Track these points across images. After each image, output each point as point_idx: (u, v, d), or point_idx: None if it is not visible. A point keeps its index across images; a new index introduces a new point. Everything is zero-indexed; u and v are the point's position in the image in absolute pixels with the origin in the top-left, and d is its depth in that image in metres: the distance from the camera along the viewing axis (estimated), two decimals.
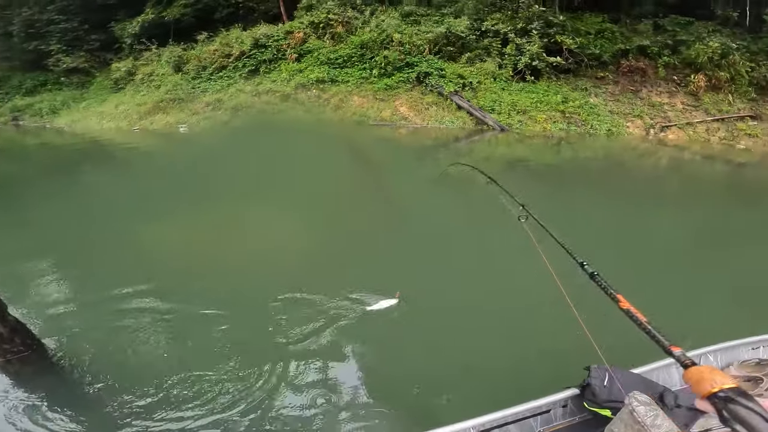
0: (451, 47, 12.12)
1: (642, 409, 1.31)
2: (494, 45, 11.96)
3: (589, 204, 5.97)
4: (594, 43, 11.87)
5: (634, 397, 1.36)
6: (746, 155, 9.96)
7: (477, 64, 11.85)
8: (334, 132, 10.42)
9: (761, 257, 4.29)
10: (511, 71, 11.76)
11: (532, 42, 11.46)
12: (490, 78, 11.59)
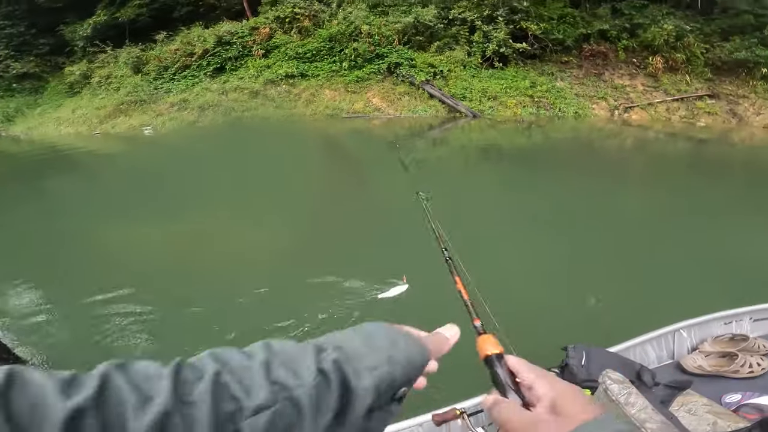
0: (420, 37, 12.16)
1: (615, 388, 1.29)
2: (462, 33, 12.08)
3: (561, 184, 6.13)
4: (557, 29, 12.14)
5: (608, 376, 1.35)
6: (706, 132, 10.46)
7: (446, 52, 11.94)
8: (307, 127, 10.29)
9: (726, 230, 4.53)
10: (480, 58, 11.93)
11: (498, 29, 11.63)
12: (459, 66, 11.71)
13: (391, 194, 5.32)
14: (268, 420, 0.34)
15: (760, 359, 1.71)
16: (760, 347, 1.79)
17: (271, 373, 0.36)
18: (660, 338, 1.88)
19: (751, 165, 8.10)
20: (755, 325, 2.05)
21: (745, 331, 1.97)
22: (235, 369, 0.35)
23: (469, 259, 3.97)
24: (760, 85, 12.02)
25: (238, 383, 0.34)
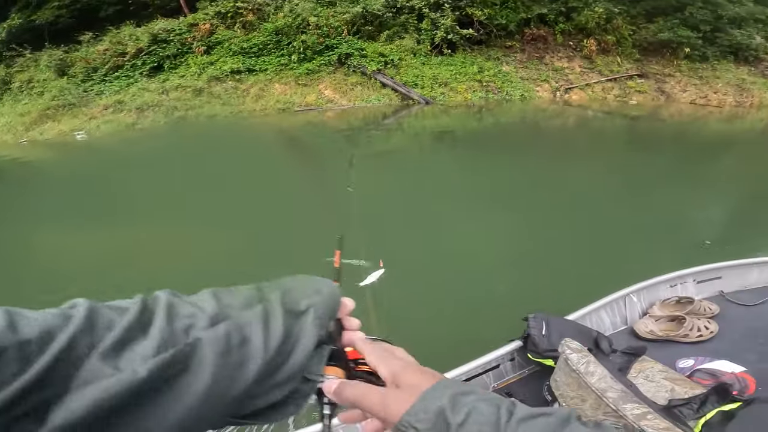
0: (370, 26, 12.03)
1: (575, 357, 1.30)
2: (411, 21, 12.11)
3: (512, 165, 6.39)
4: (500, 14, 12.44)
5: (566, 345, 1.36)
6: (638, 109, 11.23)
7: (396, 41, 11.93)
8: (256, 122, 9.93)
9: (662, 196, 4.98)
10: (429, 46, 12.03)
11: (445, 16, 11.78)
12: (410, 54, 11.77)
13: (329, 186, 5.32)
14: (225, 332, 0.36)
15: (707, 322, 1.80)
16: (706, 310, 1.90)
17: (221, 300, 0.40)
18: (612, 304, 1.92)
19: (680, 138, 8.85)
20: (699, 287, 2.14)
21: (690, 294, 2.07)
22: (186, 297, 0.40)
23: (421, 239, 4.04)
24: (684, 64, 13.04)
25: (191, 305, 0.38)
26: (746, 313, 1.96)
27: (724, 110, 11.57)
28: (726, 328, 1.82)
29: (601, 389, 1.18)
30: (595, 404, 1.19)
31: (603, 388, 1.18)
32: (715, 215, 4.64)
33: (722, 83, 12.70)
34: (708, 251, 3.53)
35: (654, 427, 1.03)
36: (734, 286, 2.15)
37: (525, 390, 1.54)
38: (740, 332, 1.82)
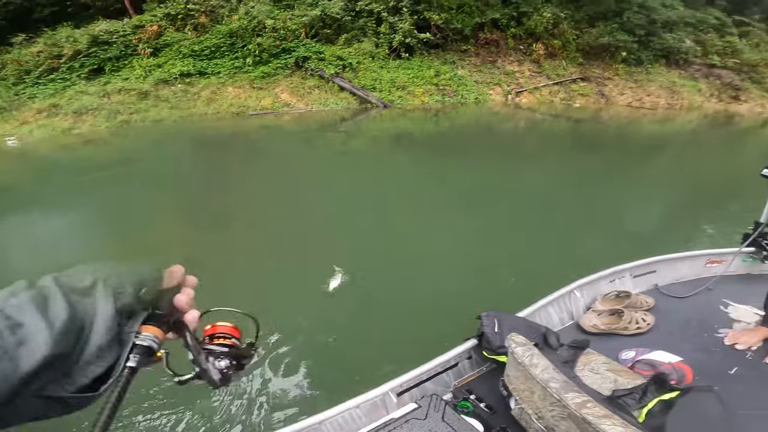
0: (328, 30, 11.95)
1: (520, 350, 1.34)
2: (369, 25, 12.14)
3: (467, 167, 6.58)
4: (456, 18, 12.70)
5: (512, 340, 1.40)
6: (581, 112, 11.92)
7: (354, 44, 11.93)
8: (209, 126, 9.56)
9: (602, 195, 5.35)
10: (387, 49, 12.13)
11: (403, 20, 11.90)
12: (368, 57, 11.81)
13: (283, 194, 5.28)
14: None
15: (644, 315, 1.90)
16: (642, 303, 2.00)
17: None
18: (559, 300, 1.99)
19: (619, 140, 9.46)
20: (635, 281, 2.23)
21: (627, 288, 2.16)
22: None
23: (378, 241, 4.06)
24: (621, 68, 13.78)
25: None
26: (679, 305, 2.07)
27: (657, 112, 12.47)
28: (661, 319, 1.93)
29: (545, 380, 1.22)
30: (542, 395, 1.23)
31: (546, 379, 1.22)
32: (649, 211, 5.04)
33: (655, 86, 13.54)
34: (643, 246, 3.83)
35: (594, 414, 1.08)
36: (667, 280, 2.28)
37: (484, 387, 1.58)
38: (675, 323, 1.93)
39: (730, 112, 13.39)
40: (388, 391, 1.44)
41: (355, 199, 5.07)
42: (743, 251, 2.30)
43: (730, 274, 2.30)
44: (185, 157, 7.37)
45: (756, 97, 14.42)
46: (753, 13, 18.47)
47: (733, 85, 14.41)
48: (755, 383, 1.59)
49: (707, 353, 1.75)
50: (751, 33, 16.53)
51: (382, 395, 1.43)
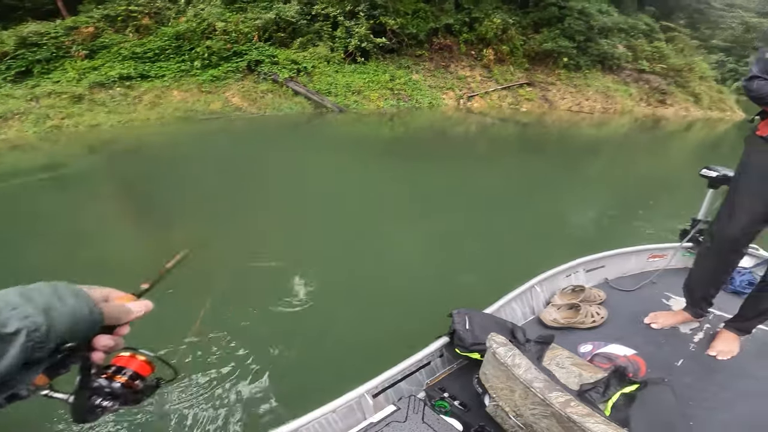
0: (282, 33, 11.72)
1: (502, 351, 1.36)
2: (325, 29, 12.05)
3: (423, 170, 6.69)
4: (412, 23, 12.87)
5: (493, 339, 1.42)
6: (527, 116, 12.43)
7: (310, 48, 11.81)
8: (152, 131, 9.02)
9: (552, 194, 5.68)
10: (343, 54, 12.08)
11: (359, 24, 11.91)
12: (323, 62, 11.73)
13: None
14: None
15: (598, 309, 1.99)
16: (595, 296, 2.10)
17: None
18: (521, 295, 2.03)
19: (561, 143, 9.99)
20: (588, 276, 2.33)
21: (581, 282, 2.25)
22: None
23: (341, 245, 4.03)
24: (563, 73, 14.30)
25: None
26: (627, 298, 2.18)
27: (594, 116, 13.25)
28: (613, 313, 2.01)
29: (528, 380, 1.25)
30: (524, 394, 1.26)
31: (529, 379, 1.25)
32: (589, 210, 5.43)
33: (592, 91, 14.23)
34: (593, 241, 4.13)
35: (578, 413, 1.11)
36: (616, 273, 2.39)
37: (456, 384, 1.59)
38: (625, 316, 2.02)
39: (657, 115, 14.42)
40: (363, 393, 1.43)
41: (315, 203, 5.02)
42: (683, 246, 2.47)
43: (671, 268, 2.45)
44: (116, 163, 6.91)
45: (681, 100, 15.51)
46: (678, 18, 20.04)
47: (660, 89, 15.28)
48: (700, 375, 1.69)
49: (656, 346, 1.85)
50: (677, 38, 17.61)
51: (357, 398, 1.41)
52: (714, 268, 1.91)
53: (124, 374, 0.56)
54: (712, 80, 17.80)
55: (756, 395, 1.59)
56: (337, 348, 2.51)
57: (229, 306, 2.79)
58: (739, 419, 1.49)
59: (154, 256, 3.29)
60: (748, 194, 1.71)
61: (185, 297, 2.53)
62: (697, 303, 1.98)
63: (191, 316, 2.57)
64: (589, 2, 14.75)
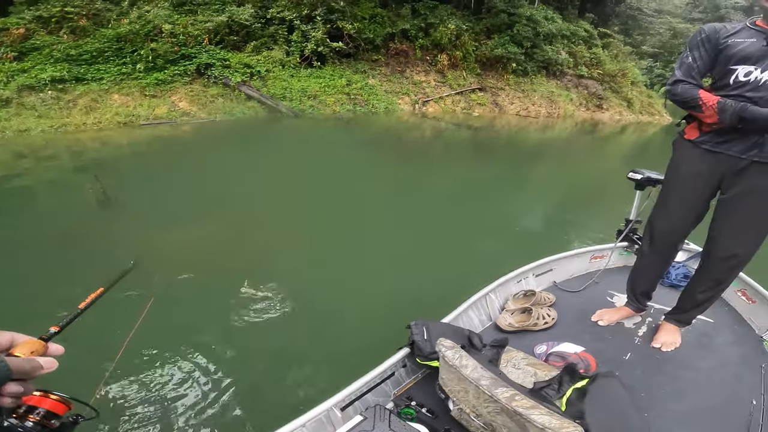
0: (235, 36, 11.36)
1: (450, 354, 1.40)
2: (280, 33, 11.80)
3: (380, 174, 6.78)
4: (369, 28, 12.87)
5: (442, 344, 1.46)
6: (479, 121, 12.79)
7: (264, 52, 11.52)
8: (87, 137, 8.43)
9: (501, 198, 5.93)
10: (299, 58, 11.90)
11: (316, 28, 11.75)
12: (278, 66, 11.50)
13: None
14: None
15: (548, 311, 2.07)
16: (545, 299, 2.19)
17: None
18: (477, 303, 2.08)
19: (510, 147, 10.41)
20: (538, 280, 2.41)
21: (531, 287, 2.33)
22: None
23: (288, 260, 3.89)
24: (511, 78, 14.76)
25: None
26: (575, 299, 2.28)
27: (540, 121, 13.87)
28: (562, 313, 2.11)
29: (475, 379, 1.30)
30: (476, 393, 1.30)
31: (477, 378, 1.30)
32: (539, 214, 5.70)
33: (538, 96, 14.83)
34: (541, 243, 4.36)
35: (522, 406, 1.18)
36: (563, 276, 2.49)
37: (422, 393, 1.62)
38: (574, 316, 2.12)
39: (595, 119, 15.30)
40: (331, 406, 1.44)
41: (265, 212, 4.87)
42: (618, 246, 2.61)
43: (611, 267, 2.59)
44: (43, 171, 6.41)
45: (615, 105, 16.54)
46: (614, 24, 21.34)
47: (597, 94, 16.12)
48: (648, 367, 1.79)
49: (604, 342, 1.95)
50: (612, 44, 18.53)
51: (326, 411, 1.42)
52: (654, 264, 2.02)
53: (37, 414, 0.56)
54: (642, 85, 19.24)
55: (700, 384, 1.70)
56: (295, 364, 2.48)
57: (170, 324, 2.69)
58: (688, 408, 1.58)
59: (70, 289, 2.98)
60: (677, 194, 1.83)
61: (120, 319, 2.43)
62: (638, 298, 2.10)
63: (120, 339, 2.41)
64: (536, 9, 15.31)
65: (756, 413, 1.57)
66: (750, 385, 1.72)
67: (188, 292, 3.15)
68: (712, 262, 1.84)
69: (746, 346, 1.99)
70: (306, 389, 2.27)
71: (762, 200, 1.65)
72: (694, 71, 1.64)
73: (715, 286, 1.88)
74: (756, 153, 1.59)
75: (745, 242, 1.73)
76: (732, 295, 2.32)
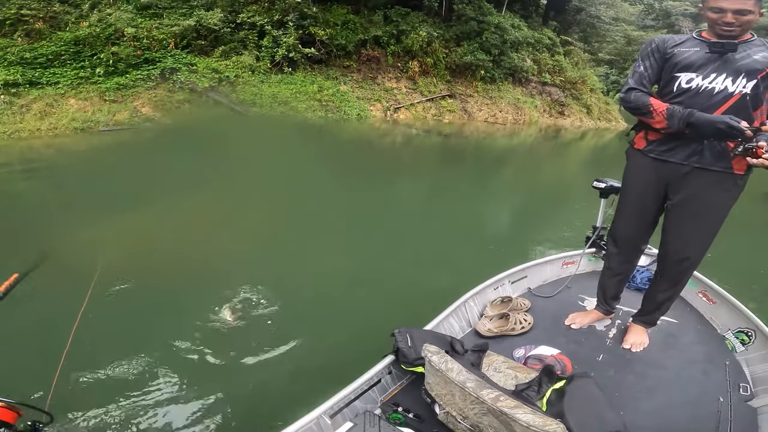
0: (203, 41, 11.07)
1: (435, 359, 1.45)
2: (251, 38, 11.59)
3: (352, 182, 6.76)
4: (341, 34, 12.81)
5: (427, 350, 1.51)
6: (449, 127, 12.99)
7: (233, 57, 11.28)
8: (42, 143, 7.97)
9: (471, 205, 6.03)
10: (269, 63, 11.71)
11: (288, 34, 11.60)
12: (248, 71, 11.27)
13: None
14: None
15: (525, 316, 2.16)
16: (521, 305, 2.27)
17: None
18: (457, 310, 2.14)
19: (478, 153, 10.67)
20: (514, 287, 2.50)
21: (508, 293, 2.42)
22: None
23: (266, 272, 3.81)
24: (480, 86, 15.02)
25: None
26: (548, 304, 2.37)
27: (507, 127, 14.24)
28: (538, 318, 2.19)
29: (461, 381, 1.34)
30: (462, 396, 1.34)
31: (462, 381, 1.34)
32: (508, 218, 5.89)
33: (505, 103, 15.16)
34: (510, 251, 4.42)
35: (507, 406, 1.24)
36: (537, 282, 2.58)
37: (408, 398, 1.66)
38: (549, 320, 2.20)
39: (558, 126, 15.88)
40: (320, 414, 1.46)
41: (239, 219, 4.76)
42: (587, 252, 2.73)
43: (581, 273, 2.70)
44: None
45: (576, 111, 17.19)
46: (574, 32, 22.06)
47: (559, 101, 16.65)
48: (620, 367, 1.87)
49: (578, 344, 2.03)
50: (573, 52, 19.11)
51: (316, 419, 1.44)
52: (619, 267, 2.11)
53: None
54: (600, 92, 20.12)
55: (669, 382, 1.79)
56: (281, 375, 2.48)
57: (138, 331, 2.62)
58: (660, 405, 1.66)
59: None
60: (631, 201, 1.94)
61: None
62: (608, 301, 2.21)
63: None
64: (504, 17, 15.69)
65: (724, 409, 1.65)
66: (716, 381, 1.82)
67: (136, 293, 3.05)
68: (667, 265, 1.94)
69: (710, 344, 2.09)
70: (289, 398, 2.27)
71: (704, 205, 1.77)
72: (645, 79, 1.74)
73: (672, 287, 1.98)
74: (696, 159, 1.70)
75: (695, 245, 1.86)
76: (694, 296, 2.45)
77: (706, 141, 1.67)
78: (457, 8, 15.19)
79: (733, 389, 1.77)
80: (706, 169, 1.70)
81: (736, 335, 2.11)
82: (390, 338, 1.78)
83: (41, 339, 2.30)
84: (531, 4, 19.55)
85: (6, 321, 2.63)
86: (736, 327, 2.15)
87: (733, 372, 1.88)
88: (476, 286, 2.29)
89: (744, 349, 2.03)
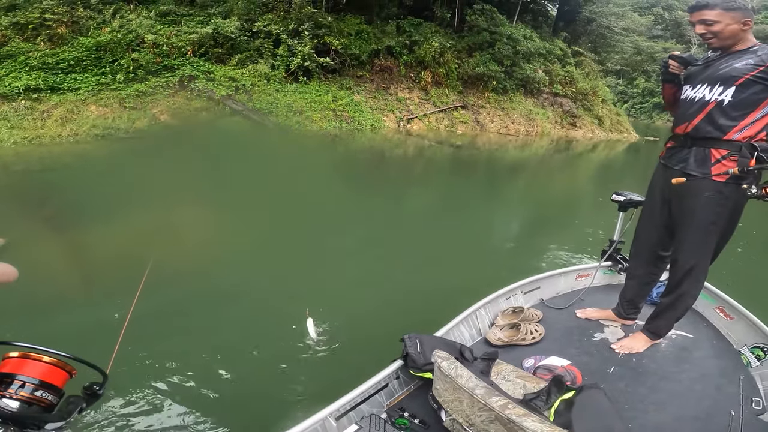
0: (220, 49, 11.28)
1: (445, 364, 1.45)
2: (266, 46, 11.75)
3: (367, 191, 6.81)
4: (354, 44, 12.97)
5: (437, 356, 1.51)
6: (461, 138, 12.99)
7: (249, 65, 11.44)
8: (62, 150, 8.14)
9: (483, 212, 6.03)
10: (284, 72, 11.83)
11: (303, 43, 11.72)
12: (263, 80, 11.42)
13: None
14: None
15: (536, 326, 2.14)
16: (533, 315, 2.26)
17: None
18: (468, 318, 2.13)
19: (490, 164, 10.65)
20: (526, 297, 2.48)
21: (520, 303, 2.41)
22: None
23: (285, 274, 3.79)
24: (492, 96, 15.02)
25: None
26: (561, 315, 2.35)
27: (519, 138, 14.17)
28: (550, 329, 2.17)
29: (470, 388, 1.34)
30: (470, 402, 1.34)
31: (471, 387, 1.34)
32: (521, 230, 5.84)
33: (517, 114, 15.12)
34: (528, 264, 4.37)
35: (515, 414, 1.22)
36: (550, 294, 2.57)
37: (414, 404, 1.66)
38: (560, 331, 2.18)
39: (569, 137, 15.74)
40: (326, 416, 1.46)
41: (255, 225, 4.82)
42: (602, 265, 2.71)
43: (596, 286, 2.67)
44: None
45: (588, 123, 17.07)
46: (584, 42, 21.65)
47: (570, 112, 16.57)
48: (631, 380, 1.85)
49: (589, 355, 2.02)
50: (584, 62, 19.06)
51: (321, 421, 1.45)
52: (639, 271, 2.20)
53: (21, 386, 0.35)
54: (611, 103, 19.95)
55: (681, 396, 1.77)
56: (290, 376, 2.50)
57: (171, 335, 2.68)
58: (670, 418, 1.64)
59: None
60: (645, 204, 2.06)
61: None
62: (623, 304, 2.26)
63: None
64: (515, 28, 15.75)
65: (735, 423, 1.63)
66: (729, 396, 1.79)
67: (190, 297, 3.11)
68: (675, 271, 1.97)
69: (725, 359, 2.07)
70: (300, 399, 2.30)
71: (688, 209, 1.82)
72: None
73: (671, 293, 2.00)
74: (684, 165, 1.80)
75: (685, 250, 1.89)
76: (711, 312, 2.42)
77: (694, 147, 1.78)
78: (469, 19, 15.31)
79: (746, 403, 1.75)
80: (690, 174, 1.77)
81: (752, 350, 2.08)
82: (399, 343, 1.79)
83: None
84: (540, 15, 19.65)
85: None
86: (752, 342, 2.13)
87: (746, 386, 1.86)
88: (488, 296, 2.30)
89: (759, 364, 2.00)
